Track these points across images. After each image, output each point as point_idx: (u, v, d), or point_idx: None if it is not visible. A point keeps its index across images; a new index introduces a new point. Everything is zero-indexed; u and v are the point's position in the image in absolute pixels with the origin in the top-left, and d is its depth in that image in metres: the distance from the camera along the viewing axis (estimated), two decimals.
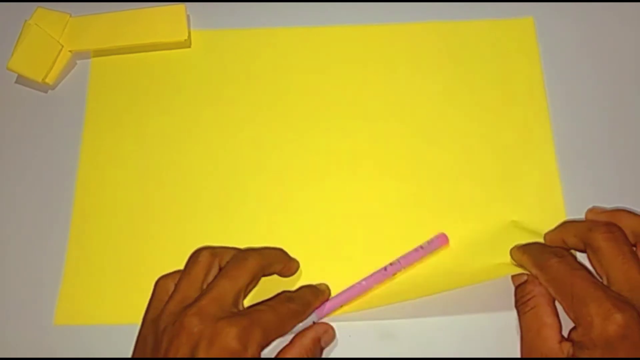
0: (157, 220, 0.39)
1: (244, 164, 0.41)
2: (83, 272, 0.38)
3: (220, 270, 0.33)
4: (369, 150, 0.41)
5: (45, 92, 0.43)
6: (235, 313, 0.31)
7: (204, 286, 0.32)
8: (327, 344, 0.35)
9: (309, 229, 0.39)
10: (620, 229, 0.32)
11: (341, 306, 0.36)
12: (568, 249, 0.33)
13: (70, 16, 0.44)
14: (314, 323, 0.34)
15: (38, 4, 0.43)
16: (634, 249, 0.31)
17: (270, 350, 0.32)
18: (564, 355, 0.29)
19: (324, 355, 0.34)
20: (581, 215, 0.38)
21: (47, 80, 0.43)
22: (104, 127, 0.42)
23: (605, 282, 0.30)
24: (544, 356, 0.30)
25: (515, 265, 0.35)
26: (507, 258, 0.36)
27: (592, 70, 0.42)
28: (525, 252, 0.34)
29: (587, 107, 0.41)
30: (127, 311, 0.36)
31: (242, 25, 0.44)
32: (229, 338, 0.29)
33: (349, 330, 0.36)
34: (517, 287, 0.34)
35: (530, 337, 0.31)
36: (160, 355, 0.29)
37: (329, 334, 0.34)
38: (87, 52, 0.44)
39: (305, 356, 0.32)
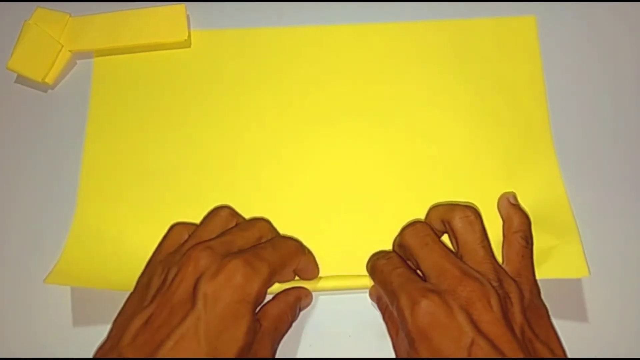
0: (158, 219, 0.39)
1: (245, 163, 0.40)
2: (82, 259, 0.38)
3: None
4: (369, 148, 0.40)
5: (45, 91, 0.43)
6: (239, 251, 0.31)
7: None
8: (304, 308, 0.36)
9: (312, 226, 0.39)
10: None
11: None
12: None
13: (70, 16, 0.44)
14: None
15: (38, 3, 0.43)
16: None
17: None
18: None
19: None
20: (584, 214, 0.38)
21: (46, 80, 0.43)
22: (106, 126, 0.42)
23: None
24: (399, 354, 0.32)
25: None
26: None
27: (593, 69, 0.42)
28: (368, 261, 0.35)
29: (587, 106, 0.41)
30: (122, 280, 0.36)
31: (242, 25, 0.44)
32: (234, 270, 0.29)
33: (348, 330, 0.36)
34: (378, 304, 0.36)
35: (393, 341, 0.33)
36: (165, 287, 0.30)
37: (308, 299, 0.36)
38: (87, 52, 0.44)
39: (287, 313, 0.33)
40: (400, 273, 0.31)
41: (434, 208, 0.35)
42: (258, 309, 0.32)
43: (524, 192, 0.39)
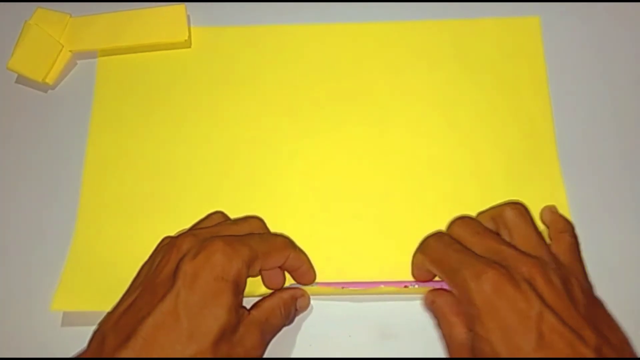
0: (159, 219, 0.39)
1: (246, 162, 0.40)
2: (85, 267, 0.38)
3: None
4: (370, 147, 0.40)
5: (45, 92, 0.43)
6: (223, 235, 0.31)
7: None
8: (302, 309, 0.35)
9: (311, 226, 0.38)
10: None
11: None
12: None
13: (71, 16, 0.44)
14: None
15: (38, 4, 0.43)
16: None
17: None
18: (470, 342, 0.30)
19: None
20: (584, 215, 0.38)
21: (47, 80, 0.43)
22: (109, 126, 0.42)
23: None
24: (457, 353, 0.30)
25: None
26: None
27: (596, 70, 0.42)
28: (414, 253, 0.35)
29: (591, 107, 0.41)
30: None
31: (242, 24, 0.44)
32: (214, 249, 0.29)
33: (349, 330, 0.36)
34: (430, 310, 0.34)
35: (448, 342, 0.32)
36: (150, 273, 0.30)
37: (305, 299, 0.35)
38: (87, 52, 0.44)
39: (281, 307, 0.33)
40: (458, 249, 0.31)
41: (480, 214, 0.35)
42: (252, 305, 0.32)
43: (524, 194, 0.38)
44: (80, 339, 0.36)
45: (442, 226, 0.38)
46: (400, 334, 0.36)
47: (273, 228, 0.38)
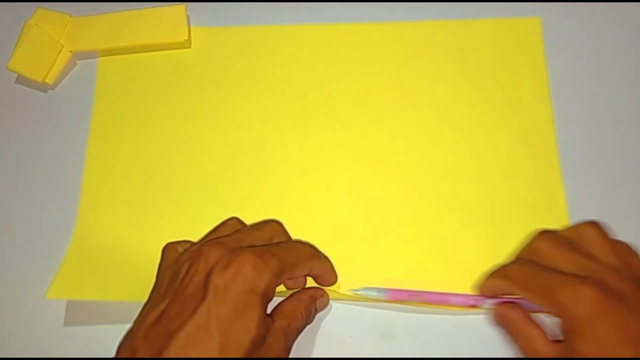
0: (159, 219, 0.39)
1: (246, 162, 0.40)
2: (80, 265, 0.38)
3: None
4: (371, 148, 0.40)
5: (45, 92, 0.43)
6: (252, 246, 0.31)
7: None
8: (321, 309, 0.35)
9: (311, 227, 0.38)
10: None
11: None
12: None
13: (71, 16, 0.44)
14: None
15: (38, 4, 0.43)
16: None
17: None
18: (554, 355, 0.30)
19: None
20: (583, 217, 0.37)
21: (47, 80, 0.43)
22: (109, 126, 0.42)
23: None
24: None
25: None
26: None
27: (597, 71, 0.42)
28: (487, 276, 0.34)
29: (591, 108, 0.41)
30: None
31: (242, 24, 0.44)
32: (244, 262, 0.29)
33: (349, 330, 0.36)
34: (501, 325, 0.34)
35: (528, 356, 0.31)
36: (176, 283, 0.30)
37: (324, 300, 0.35)
38: (87, 52, 0.44)
39: (302, 310, 0.33)
40: (545, 269, 0.31)
41: (560, 230, 0.34)
42: (272, 308, 0.32)
43: (523, 195, 0.39)
44: (82, 338, 0.36)
45: (442, 226, 0.38)
46: (400, 334, 0.36)
47: None
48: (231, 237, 0.32)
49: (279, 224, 0.34)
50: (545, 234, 0.33)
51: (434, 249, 0.38)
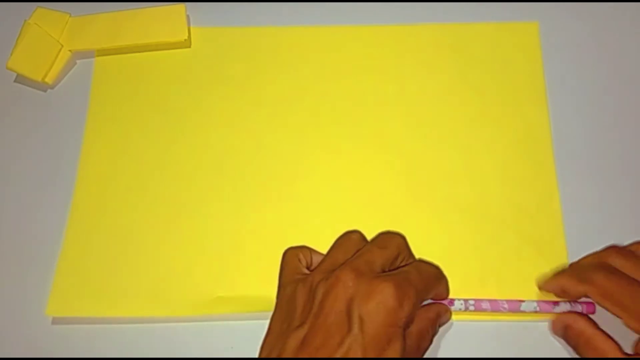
0: (157, 218, 0.39)
1: (244, 163, 0.40)
2: (77, 268, 0.38)
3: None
4: (368, 150, 0.40)
5: (45, 91, 0.43)
6: (387, 273, 0.31)
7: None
8: (443, 324, 0.35)
9: (310, 228, 0.39)
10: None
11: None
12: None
13: (70, 16, 0.44)
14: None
15: (38, 3, 0.43)
16: None
17: None
18: None
19: None
20: (578, 218, 0.38)
21: (46, 79, 0.43)
22: (106, 125, 0.42)
23: None
24: None
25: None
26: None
27: (595, 75, 0.42)
28: (561, 274, 0.34)
29: (587, 112, 0.41)
30: (121, 306, 0.37)
31: (242, 24, 0.44)
32: (386, 294, 0.29)
33: None
34: (565, 336, 0.34)
35: None
36: (315, 308, 0.30)
37: (447, 315, 0.35)
38: (87, 51, 0.44)
39: (429, 330, 0.33)
40: (634, 283, 0.31)
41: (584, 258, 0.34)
42: None
43: (519, 198, 0.39)
44: (71, 338, 0.37)
45: (435, 230, 0.38)
46: None
47: (271, 228, 0.39)
48: (363, 259, 0.31)
49: (403, 239, 0.34)
50: (618, 249, 0.32)
51: (428, 253, 0.37)
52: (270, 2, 0.45)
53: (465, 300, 0.35)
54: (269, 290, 0.33)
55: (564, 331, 0.34)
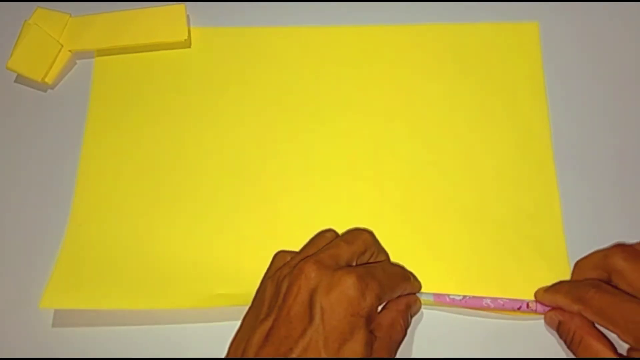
0: (157, 218, 0.39)
1: (244, 163, 0.41)
2: (76, 267, 0.38)
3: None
4: (368, 151, 0.40)
5: (45, 91, 0.43)
6: (351, 267, 0.31)
7: None
8: (415, 314, 0.36)
9: (308, 228, 0.38)
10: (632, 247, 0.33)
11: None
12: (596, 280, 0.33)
13: (70, 16, 0.44)
14: None
15: (38, 3, 0.43)
16: None
17: None
18: None
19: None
20: (576, 220, 0.38)
21: (46, 79, 0.43)
22: (106, 125, 0.42)
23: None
24: None
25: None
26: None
27: (595, 76, 0.42)
28: (557, 291, 0.34)
29: (587, 113, 0.41)
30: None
31: (242, 24, 0.44)
32: (348, 285, 0.30)
33: None
34: (558, 331, 0.34)
35: None
36: (279, 300, 0.30)
37: (418, 304, 0.35)
38: (87, 51, 0.44)
39: (400, 321, 0.33)
40: (627, 299, 0.30)
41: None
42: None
43: (518, 199, 0.39)
44: (70, 340, 0.37)
45: (439, 228, 0.38)
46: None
47: (271, 228, 0.39)
48: (328, 253, 0.32)
49: (371, 235, 0.34)
50: (624, 250, 0.32)
51: (427, 254, 0.38)
52: (270, 2, 0.45)
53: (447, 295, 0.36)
54: None
55: (557, 326, 0.34)
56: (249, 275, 0.37)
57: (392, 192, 0.39)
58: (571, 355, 0.33)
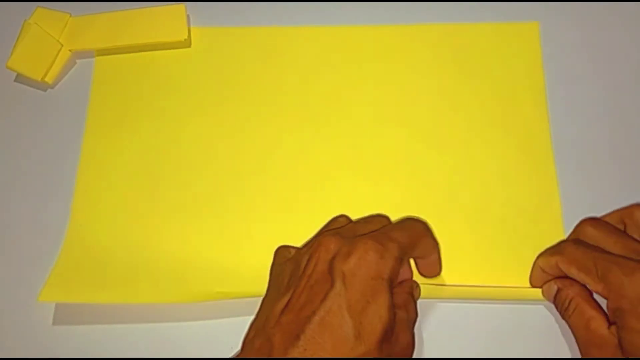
0: (157, 217, 0.39)
1: (244, 163, 0.41)
2: (75, 266, 0.38)
3: None
4: (368, 151, 0.40)
5: (45, 90, 0.43)
6: (369, 232, 0.31)
7: None
8: (417, 298, 0.35)
9: (308, 228, 0.38)
10: None
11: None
12: None
13: (70, 16, 0.44)
14: None
15: (38, 3, 0.43)
16: None
17: None
18: (616, 338, 0.30)
19: None
20: (578, 219, 0.37)
21: (46, 79, 0.43)
22: (106, 125, 0.42)
23: None
24: (598, 346, 0.31)
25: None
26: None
27: (595, 77, 0.42)
28: (539, 256, 0.35)
29: (587, 113, 0.41)
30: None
31: (242, 24, 0.44)
32: (367, 248, 0.29)
33: None
34: (555, 299, 0.34)
35: (581, 335, 0.32)
36: (300, 272, 0.30)
37: (419, 289, 0.35)
38: (87, 51, 0.44)
39: (410, 299, 0.33)
40: (601, 251, 0.32)
41: (606, 215, 0.35)
42: None
43: (519, 200, 0.39)
44: (71, 338, 0.36)
45: (439, 228, 0.37)
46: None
47: (270, 228, 0.39)
48: (345, 227, 0.32)
49: (385, 218, 0.34)
50: (591, 220, 0.34)
51: None
52: (270, 2, 0.45)
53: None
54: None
55: (555, 295, 0.34)
56: (249, 273, 0.37)
57: (392, 192, 0.39)
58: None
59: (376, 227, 0.32)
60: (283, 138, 0.41)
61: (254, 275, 0.37)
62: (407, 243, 0.31)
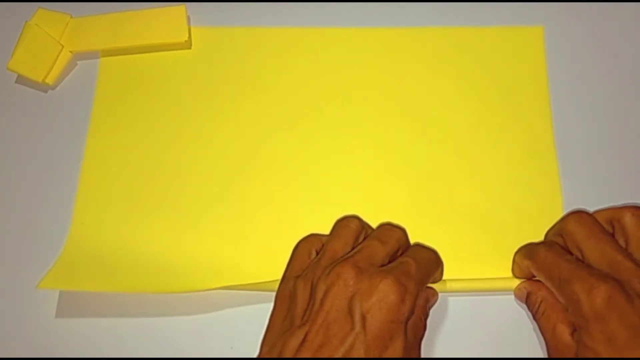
0: (155, 218, 0.39)
1: (245, 163, 0.41)
2: (75, 265, 0.38)
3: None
4: (370, 152, 0.40)
5: (45, 92, 0.44)
6: (386, 267, 0.31)
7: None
8: (433, 306, 0.35)
9: (308, 227, 0.38)
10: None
11: None
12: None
13: (71, 17, 0.44)
14: None
15: (39, 4, 0.43)
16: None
17: None
18: (575, 347, 0.30)
19: None
20: None
21: (47, 80, 0.43)
22: (108, 125, 0.42)
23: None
24: (561, 352, 0.31)
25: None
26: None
27: (599, 81, 0.42)
28: (517, 251, 0.36)
29: (590, 117, 0.41)
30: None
31: (243, 25, 0.44)
32: (387, 291, 0.29)
33: None
34: (526, 301, 0.35)
35: (549, 338, 0.32)
36: (316, 306, 0.30)
37: (435, 297, 0.35)
38: (88, 52, 0.44)
39: (421, 318, 0.32)
40: (569, 260, 0.31)
41: (597, 212, 0.34)
42: None
43: (522, 202, 0.39)
44: (73, 330, 0.37)
45: (441, 229, 0.38)
46: None
47: (272, 227, 0.39)
48: (363, 254, 0.31)
49: (403, 232, 0.34)
50: (580, 217, 0.32)
51: None
52: (270, 2, 0.45)
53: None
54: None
55: (526, 298, 0.34)
56: (249, 272, 0.37)
57: (395, 194, 0.39)
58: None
59: (394, 247, 0.32)
60: (284, 138, 0.41)
61: (255, 274, 0.37)
62: (425, 279, 0.31)
